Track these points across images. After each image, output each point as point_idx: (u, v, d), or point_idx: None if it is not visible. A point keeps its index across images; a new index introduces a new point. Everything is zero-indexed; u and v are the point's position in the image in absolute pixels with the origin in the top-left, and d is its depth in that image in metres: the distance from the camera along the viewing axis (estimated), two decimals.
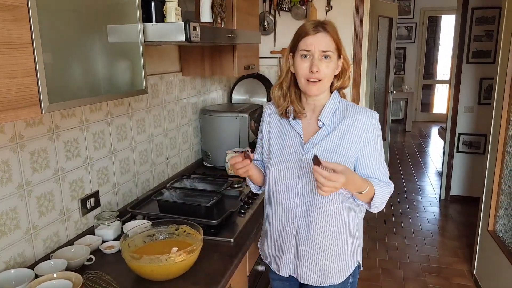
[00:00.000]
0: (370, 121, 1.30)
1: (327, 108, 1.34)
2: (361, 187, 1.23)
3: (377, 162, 1.32)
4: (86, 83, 1.11)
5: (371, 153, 1.30)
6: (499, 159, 2.55)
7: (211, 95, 2.73)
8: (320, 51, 1.25)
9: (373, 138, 1.30)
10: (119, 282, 1.24)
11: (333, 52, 1.27)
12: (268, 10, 2.97)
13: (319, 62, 1.26)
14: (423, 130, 8.00)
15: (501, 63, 2.56)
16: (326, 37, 1.26)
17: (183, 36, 1.33)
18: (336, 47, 1.28)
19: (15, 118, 0.86)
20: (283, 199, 1.37)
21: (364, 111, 1.32)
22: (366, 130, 1.29)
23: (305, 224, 1.35)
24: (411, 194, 4.64)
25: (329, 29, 1.26)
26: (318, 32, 1.26)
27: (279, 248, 1.43)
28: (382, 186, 1.29)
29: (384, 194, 1.29)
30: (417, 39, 8.02)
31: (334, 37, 1.27)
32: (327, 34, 1.26)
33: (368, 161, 1.31)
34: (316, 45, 1.25)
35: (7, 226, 1.27)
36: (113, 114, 1.74)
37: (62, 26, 1.01)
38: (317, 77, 1.27)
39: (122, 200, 1.84)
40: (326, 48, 1.26)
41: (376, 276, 3.01)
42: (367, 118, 1.30)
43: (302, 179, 1.33)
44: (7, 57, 0.83)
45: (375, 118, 1.32)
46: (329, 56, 1.27)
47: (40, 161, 1.38)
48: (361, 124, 1.29)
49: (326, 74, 1.28)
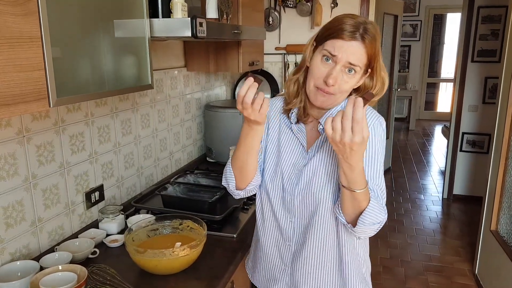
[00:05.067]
0: (373, 123, 1.10)
1: (331, 111, 1.12)
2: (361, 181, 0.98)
3: (370, 169, 1.08)
4: (93, 78, 1.12)
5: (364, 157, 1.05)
6: (503, 159, 2.55)
7: (215, 91, 2.73)
8: (347, 62, 1.02)
9: (371, 145, 1.08)
10: (123, 275, 1.25)
11: (361, 68, 1.04)
12: (273, 6, 2.97)
13: (339, 73, 1.03)
14: (427, 129, 7.98)
15: (506, 62, 2.55)
16: (361, 49, 1.01)
17: (189, 31, 1.33)
18: (367, 63, 1.05)
19: (24, 111, 0.87)
20: (280, 215, 1.21)
21: (369, 111, 1.12)
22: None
23: (304, 248, 1.19)
24: (413, 193, 4.64)
25: (368, 39, 1.01)
26: (354, 40, 1.01)
27: (271, 273, 1.29)
28: (377, 201, 1.04)
29: (378, 212, 1.02)
30: (422, 37, 7.98)
31: (370, 51, 1.03)
32: (363, 47, 1.01)
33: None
34: (344, 54, 1.01)
35: (13, 218, 1.28)
36: (118, 108, 1.75)
37: (70, 21, 1.01)
38: (329, 91, 1.05)
39: (126, 194, 1.85)
40: (355, 62, 1.02)
41: (377, 274, 3.02)
42: (370, 120, 1.10)
43: (301, 196, 1.15)
44: (18, 51, 0.84)
45: (379, 123, 1.11)
46: (354, 71, 1.04)
47: (46, 155, 1.39)
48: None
49: (342, 90, 1.06)
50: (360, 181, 0.98)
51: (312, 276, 1.21)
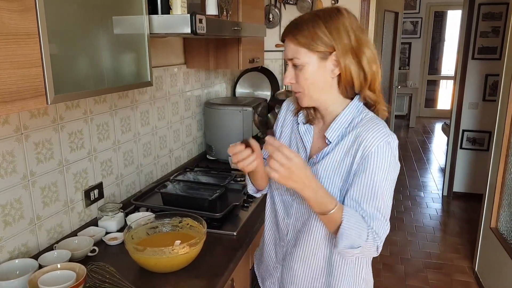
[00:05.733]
0: (377, 143, 1.00)
1: (337, 122, 1.08)
2: (326, 205, 0.96)
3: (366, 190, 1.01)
4: (91, 75, 1.11)
5: (361, 183, 1.01)
6: (503, 156, 2.54)
7: (215, 88, 2.72)
8: (288, 60, 1.07)
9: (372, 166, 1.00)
10: (122, 273, 1.24)
11: (302, 56, 1.03)
12: (273, 3, 2.96)
13: (290, 72, 1.07)
14: (427, 126, 7.98)
15: (507, 59, 2.54)
16: (290, 44, 1.04)
17: (189, 28, 1.32)
18: (307, 50, 1.02)
19: (21, 109, 0.86)
20: (279, 214, 1.23)
21: (376, 129, 1.02)
22: (369, 153, 1.00)
23: (294, 250, 1.18)
24: (413, 190, 4.64)
25: (296, 31, 1.03)
26: (286, 38, 1.06)
27: (268, 267, 1.31)
28: (357, 221, 0.98)
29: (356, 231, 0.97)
30: (423, 34, 7.96)
31: (301, 39, 1.02)
32: (291, 40, 1.04)
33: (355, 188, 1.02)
34: (285, 54, 1.07)
35: (12, 216, 1.27)
36: (117, 106, 1.74)
37: (68, 17, 1.00)
38: (294, 90, 1.09)
39: (125, 192, 1.84)
40: (290, 56, 1.05)
41: (377, 272, 3.02)
42: (375, 139, 1.00)
43: (300, 199, 1.14)
44: (14, 47, 0.83)
45: (387, 143, 1.00)
46: (297, 65, 1.04)
47: (45, 152, 1.38)
48: (363, 143, 1.02)
49: (302, 85, 1.06)
50: (328, 202, 0.97)
51: (298, 280, 1.20)
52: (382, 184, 1.01)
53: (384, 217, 1.02)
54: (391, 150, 1.01)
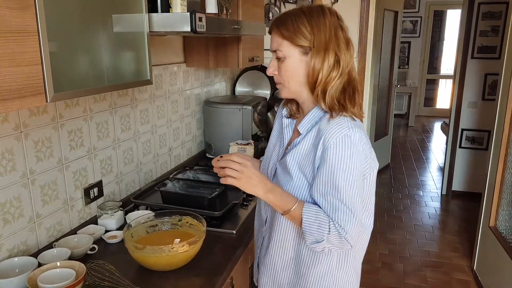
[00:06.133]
0: (336, 135, 1.02)
1: (307, 117, 1.13)
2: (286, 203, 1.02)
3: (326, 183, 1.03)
4: (91, 73, 1.10)
5: (322, 175, 1.03)
6: (502, 155, 2.55)
7: (214, 87, 2.72)
8: (272, 51, 1.11)
9: (331, 158, 1.02)
10: (122, 271, 1.24)
11: (285, 49, 1.07)
12: (273, 1, 2.95)
13: (273, 63, 1.12)
14: (426, 125, 7.98)
15: (507, 58, 2.54)
16: (275, 36, 1.09)
17: (188, 26, 1.32)
18: (290, 43, 1.06)
19: (20, 107, 0.86)
20: (262, 207, 1.31)
21: (335, 125, 1.04)
22: (328, 145, 1.02)
23: (270, 240, 1.24)
24: (412, 189, 4.64)
25: (281, 24, 1.07)
26: (272, 31, 1.11)
27: (256, 253, 1.39)
28: (317, 215, 1.01)
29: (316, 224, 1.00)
30: (422, 33, 7.95)
31: (285, 32, 1.06)
32: (275, 33, 1.09)
33: (317, 180, 1.05)
34: (271, 46, 1.12)
35: (11, 214, 1.27)
36: (117, 104, 1.74)
37: (68, 15, 1.00)
38: (276, 81, 1.14)
39: (125, 190, 1.84)
40: (274, 48, 1.10)
41: (376, 270, 3.03)
42: (335, 132, 1.02)
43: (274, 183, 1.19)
44: (13, 45, 0.83)
45: (346, 136, 1.02)
46: (280, 57, 1.09)
47: (44, 150, 1.38)
48: (323, 138, 1.04)
49: (283, 77, 1.10)
50: (287, 200, 1.04)
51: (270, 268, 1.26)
52: (344, 175, 1.02)
53: (349, 208, 1.02)
54: (351, 143, 1.02)
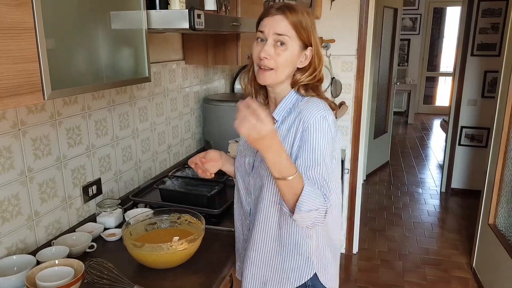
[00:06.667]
0: (314, 116, 1.09)
1: (282, 105, 1.19)
2: (287, 170, 0.99)
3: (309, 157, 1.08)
4: (89, 70, 1.10)
5: (303, 153, 1.09)
6: (501, 153, 2.54)
7: (213, 84, 2.71)
8: (274, 34, 1.10)
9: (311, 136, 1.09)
10: (121, 269, 1.24)
11: (291, 39, 1.11)
12: None
13: (270, 47, 1.11)
14: (425, 123, 7.98)
15: (506, 56, 2.53)
16: (284, 21, 1.10)
17: (187, 23, 1.31)
18: (296, 35, 1.11)
19: (17, 104, 0.85)
20: (241, 192, 1.30)
21: (314, 106, 1.11)
22: (308, 125, 1.09)
23: (251, 228, 1.26)
24: (411, 187, 4.64)
25: (291, 13, 1.10)
26: (277, 13, 1.11)
27: (237, 250, 1.39)
28: (313, 187, 1.05)
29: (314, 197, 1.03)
30: (422, 30, 7.94)
31: (295, 22, 1.10)
32: (285, 18, 1.10)
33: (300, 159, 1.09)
34: (270, 27, 1.10)
35: (9, 213, 1.27)
36: (115, 101, 1.73)
37: (65, 12, 0.99)
38: (266, 65, 1.12)
39: (124, 188, 1.84)
40: (280, 31, 1.10)
41: (375, 267, 3.03)
42: (313, 113, 1.10)
43: (254, 175, 1.22)
44: (10, 42, 0.82)
45: (323, 117, 1.09)
46: (284, 43, 1.11)
47: (42, 148, 1.37)
48: (303, 119, 1.10)
49: (279, 63, 1.12)
50: (289, 167, 1.00)
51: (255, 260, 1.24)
52: (323, 152, 1.09)
53: (327, 183, 1.07)
54: (327, 123, 1.10)
